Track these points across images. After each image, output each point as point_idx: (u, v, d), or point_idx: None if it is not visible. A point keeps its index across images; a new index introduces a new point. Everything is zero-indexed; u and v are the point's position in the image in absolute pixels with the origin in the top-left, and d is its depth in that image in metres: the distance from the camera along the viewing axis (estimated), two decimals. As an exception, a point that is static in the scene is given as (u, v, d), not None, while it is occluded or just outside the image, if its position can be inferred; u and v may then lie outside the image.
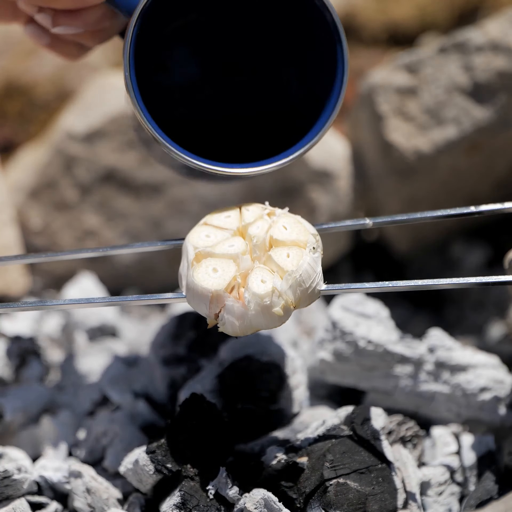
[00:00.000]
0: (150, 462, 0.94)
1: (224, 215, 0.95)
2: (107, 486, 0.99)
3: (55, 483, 1.00)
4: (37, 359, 1.27)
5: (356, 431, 0.96)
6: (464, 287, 0.91)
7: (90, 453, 1.07)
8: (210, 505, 0.92)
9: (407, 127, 1.39)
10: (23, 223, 1.52)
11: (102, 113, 1.50)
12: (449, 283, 0.90)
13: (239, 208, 0.95)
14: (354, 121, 1.50)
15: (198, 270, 0.90)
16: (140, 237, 1.50)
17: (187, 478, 0.93)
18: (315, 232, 0.93)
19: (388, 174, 1.42)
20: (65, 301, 0.98)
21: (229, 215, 0.94)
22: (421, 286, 0.91)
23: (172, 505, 0.92)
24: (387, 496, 0.92)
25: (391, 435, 1.00)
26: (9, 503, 0.97)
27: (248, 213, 0.94)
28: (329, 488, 0.91)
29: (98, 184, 1.51)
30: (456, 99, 1.37)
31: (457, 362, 1.08)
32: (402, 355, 1.08)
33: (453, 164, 1.39)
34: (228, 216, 0.94)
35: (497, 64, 1.35)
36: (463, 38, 1.38)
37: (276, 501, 0.91)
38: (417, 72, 1.39)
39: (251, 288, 0.88)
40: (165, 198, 1.50)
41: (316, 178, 1.46)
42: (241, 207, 0.95)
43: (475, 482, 1.01)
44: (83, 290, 1.42)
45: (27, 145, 1.75)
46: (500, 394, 1.07)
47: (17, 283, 1.45)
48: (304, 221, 0.94)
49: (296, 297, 0.89)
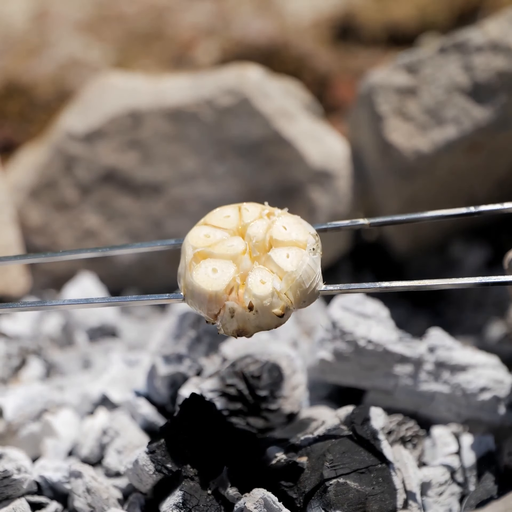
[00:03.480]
0: (150, 462, 0.94)
1: (223, 215, 0.94)
2: (107, 486, 0.99)
3: (55, 483, 1.00)
4: (37, 359, 1.28)
5: (356, 431, 0.96)
6: (463, 287, 0.91)
7: (90, 453, 1.07)
8: (210, 505, 0.92)
9: (407, 127, 1.39)
10: (23, 223, 1.52)
11: (102, 113, 1.51)
12: (448, 284, 0.90)
13: (238, 208, 0.95)
14: (354, 121, 1.50)
15: (197, 270, 0.89)
16: (140, 237, 1.51)
17: (187, 478, 0.93)
18: (314, 233, 0.92)
19: (387, 174, 1.42)
20: (64, 302, 0.97)
21: (228, 215, 0.94)
22: (419, 286, 0.91)
23: (172, 505, 0.92)
24: (387, 496, 0.92)
25: (391, 435, 1.00)
26: (9, 503, 0.97)
27: (247, 213, 0.94)
28: (329, 488, 0.91)
29: (98, 184, 1.51)
30: (456, 99, 1.37)
31: (457, 362, 1.08)
32: (402, 355, 1.08)
33: (453, 164, 1.39)
34: (227, 216, 0.94)
35: (497, 64, 1.35)
36: (463, 38, 1.38)
37: (276, 501, 0.91)
38: (417, 72, 1.39)
39: (251, 289, 0.88)
40: (165, 198, 1.50)
41: (316, 178, 1.46)
42: (240, 207, 0.95)
43: (475, 482, 1.01)
44: (83, 290, 1.42)
45: (27, 145, 1.75)
46: (500, 394, 1.07)
47: (17, 283, 1.45)
48: (303, 222, 0.94)
49: (296, 297, 0.89)
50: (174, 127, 1.48)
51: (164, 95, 1.50)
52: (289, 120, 1.47)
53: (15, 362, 1.25)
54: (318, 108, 1.59)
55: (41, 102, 1.97)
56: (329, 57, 2.07)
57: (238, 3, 2.30)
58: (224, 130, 1.47)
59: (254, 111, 1.46)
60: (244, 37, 2.15)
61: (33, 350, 1.28)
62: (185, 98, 1.49)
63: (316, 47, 2.11)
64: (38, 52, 2.12)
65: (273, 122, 1.46)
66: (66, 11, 2.28)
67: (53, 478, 1.01)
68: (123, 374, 1.18)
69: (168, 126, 1.48)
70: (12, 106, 1.96)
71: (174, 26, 2.23)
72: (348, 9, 2.19)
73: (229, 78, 1.49)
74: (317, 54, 2.07)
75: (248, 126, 1.46)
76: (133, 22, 2.26)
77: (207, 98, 1.47)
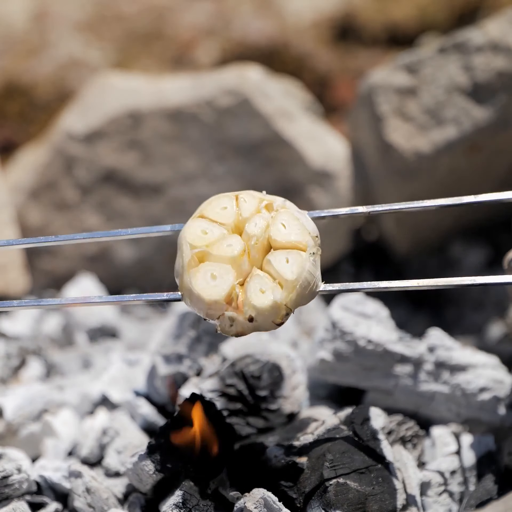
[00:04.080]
0: (150, 462, 0.94)
1: (220, 206, 0.92)
2: (107, 486, 0.99)
3: (55, 483, 1.00)
4: (37, 359, 1.28)
5: (356, 431, 0.96)
6: (462, 287, 0.91)
7: (90, 453, 1.07)
8: (210, 505, 0.92)
9: (407, 128, 1.39)
10: (23, 223, 1.52)
11: (102, 113, 1.51)
12: (448, 284, 0.90)
13: (235, 198, 0.93)
14: (354, 121, 1.50)
15: (196, 275, 0.88)
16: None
17: (187, 478, 0.93)
18: (314, 234, 0.91)
19: (388, 174, 1.42)
20: (62, 300, 0.97)
21: (225, 206, 0.92)
22: (419, 286, 0.91)
23: (172, 505, 0.92)
24: (387, 496, 0.92)
25: (391, 435, 1.00)
26: (9, 503, 0.97)
27: (245, 205, 0.92)
28: (329, 488, 0.91)
29: (98, 184, 1.51)
30: (456, 99, 1.37)
31: (457, 362, 1.08)
32: (402, 355, 1.08)
33: (453, 164, 1.39)
34: (224, 208, 0.92)
35: (497, 64, 1.35)
36: (463, 38, 1.38)
37: (276, 501, 0.91)
38: (417, 72, 1.39)
39: (250, 300, 0.86)
40: (165, 198, 1.50)
41: (316, 179, 1.46)
42: (238, 197, 0.92)
43: (475, 482, 1.01)
44: (83, 290, 1.43)
45: (27, 145, 1.76)
46: (499, 394, 1.07)
47: (17, 283, 1.45)
48: (302, 216, 0.92)
49: (295, 303, 0.88)
50: (174, 127, 1.48)
51: (164, 95, 1.50)
52: (289, 120, 1.48)
53: (15, 362, 1.25)
54: (318, 108, 1.59)
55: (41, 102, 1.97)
56: (329, 57, 2.07)
57: (238, 3, 2.30)
58: (224, 130, 1.47)
59: (254, 112, 1.46)
60: (244, 37, 2.15)
61: (33, 350, 1.28)
62: (185, 98, 1.49)
63: (316, 47, 2.11)
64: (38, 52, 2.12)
65: (273, 122, 1.46)
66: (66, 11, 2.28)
67: (53, 478, 1.00)
68: (123, 374, 1.18)
69: (168, 126, 1.48)
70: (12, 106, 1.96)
71: (174, 26, 2.23)
72: (348, 9, 2.19)
73: (229, 78, 1.49)
74: (317, 54, 2.07)
75: (248, 126, 1.46)
76: (133, 22, 2.26)
77: (207, 98, 1.47)
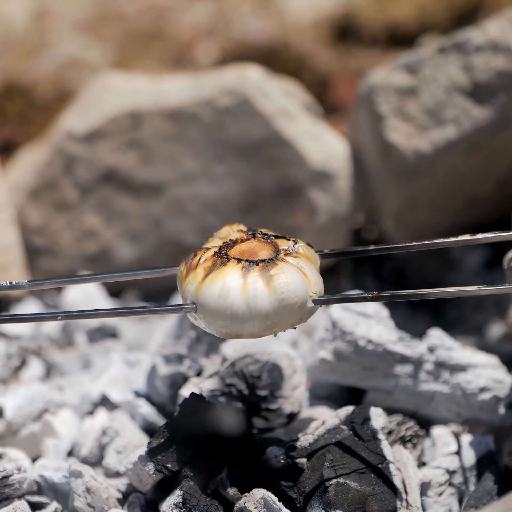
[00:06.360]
0: (150, 462, 0.94)
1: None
2: (107, 486, 0.99)
3: (55, 483, 1.00)
4: (37, 359, 1.27)
5: (356, 431, 0.96)
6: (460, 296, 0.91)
7: (90, 453, 1.07)
8: (210, 505, 0.92)
9: (407, 127, 1.39)
10: (23, 223, 1.52)
11: (102, 113, 1.51)
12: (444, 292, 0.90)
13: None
14: (354, 121, 1.50)
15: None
16: (140, 237, 1.51)
17: (187, 478, 0.93)
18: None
19: (387, 174, 1.42)
20: (74, 313, 0.96)
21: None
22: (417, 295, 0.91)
23: (172, 505, 0.92)
24: (387, 496, 0.92)
25: (391, 435, 1.00)
26: (9, 503, 0.96)
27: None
28: (329, 488, 0.91)
29: (98, 184, 1.51)
30: (455, 99, 1.37)
31: (457, 362, 1.08)
32: (402, 355, 1.08)
33: (453, 164, 1.39)
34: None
35: (497, 64, 1.35)
36: (463, 38, 1.38)
37: (276, 501, 0.91)
38: (416, 72, 1.39)
39: None
40: (165, 198, 1.50)
41: (316, 179, 1.46)
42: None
43: (475, 482, 1.01)
44: (83, 290, 1.42)
45: (27, 145, 1.75)
46: (499, 394, 1.07)
47: (17, 283, 1.45)
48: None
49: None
50: (174, 127, 1.48)
51: (164, 95, 1.50)
52: (289, 120, 1.47)
53: (15, 362, 1.25)
54: (318, 108, 1.59)
55: (41, 102, 1.97)
56: (329, 57, 2.07)
57: (238, 3, 2.30)
58: (224, 130, 1.47)
59: (254, 111, 1.46)
60: (244, 37, 2.15)
61: (33, 350, 1.28)
62: (185, 98, 1.49)
63: (316, 47, 2.11)
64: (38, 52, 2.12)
65: (273, 122, 1.46)
66: (66, 11, 2.28)
67: (53, 478, 1.00)
68: (123, 374, 1.18)
69: (168, 126, 1.48)
70: (12, 106, 1.96)
71: (174, 26, 2.23)
72: (348, 9, 2.19)
73: (229, 78, 1.49)
74: (317, 54, 2.07)
75: (248, 126, 1.46)
76: (133, 22, 2.26)
77: (207, 98, 1.47)
